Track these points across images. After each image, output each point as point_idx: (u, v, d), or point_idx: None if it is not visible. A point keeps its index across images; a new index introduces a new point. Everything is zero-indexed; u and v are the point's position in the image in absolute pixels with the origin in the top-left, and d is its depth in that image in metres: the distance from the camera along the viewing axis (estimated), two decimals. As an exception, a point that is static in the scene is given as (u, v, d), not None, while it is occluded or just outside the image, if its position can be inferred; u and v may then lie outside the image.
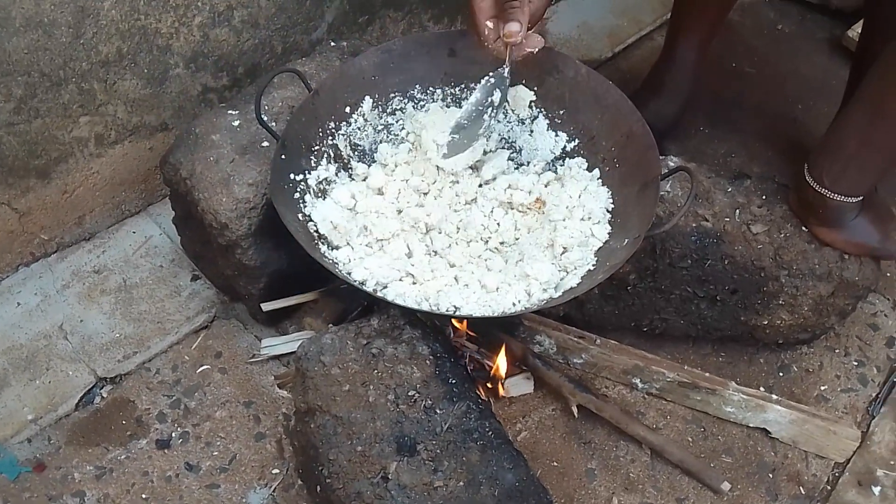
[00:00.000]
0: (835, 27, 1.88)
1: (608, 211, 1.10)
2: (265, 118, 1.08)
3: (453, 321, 1.18)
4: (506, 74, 1.07)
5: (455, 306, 1.02)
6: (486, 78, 1.09)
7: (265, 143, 1.18)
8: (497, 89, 1.08)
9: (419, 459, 0.94)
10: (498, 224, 1.12)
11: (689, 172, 1.02)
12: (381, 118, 1.19)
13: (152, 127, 1.36)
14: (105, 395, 1.23)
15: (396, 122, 1.20)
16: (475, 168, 1.16)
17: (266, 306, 1.23)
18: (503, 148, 1.20)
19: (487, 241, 1.11)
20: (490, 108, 1.09)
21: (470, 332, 1.21)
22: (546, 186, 1.14)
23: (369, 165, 1.16)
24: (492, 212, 1.13)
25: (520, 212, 1.13)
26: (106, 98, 1.26)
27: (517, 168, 1.19)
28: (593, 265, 1.05)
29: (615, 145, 1.12)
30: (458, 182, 1.15)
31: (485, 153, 1.17)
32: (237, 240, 1.14)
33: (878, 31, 1.29)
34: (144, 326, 1.30)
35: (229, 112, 1.22)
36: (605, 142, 1.14)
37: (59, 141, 1.26)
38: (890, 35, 1.17)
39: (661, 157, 1.09)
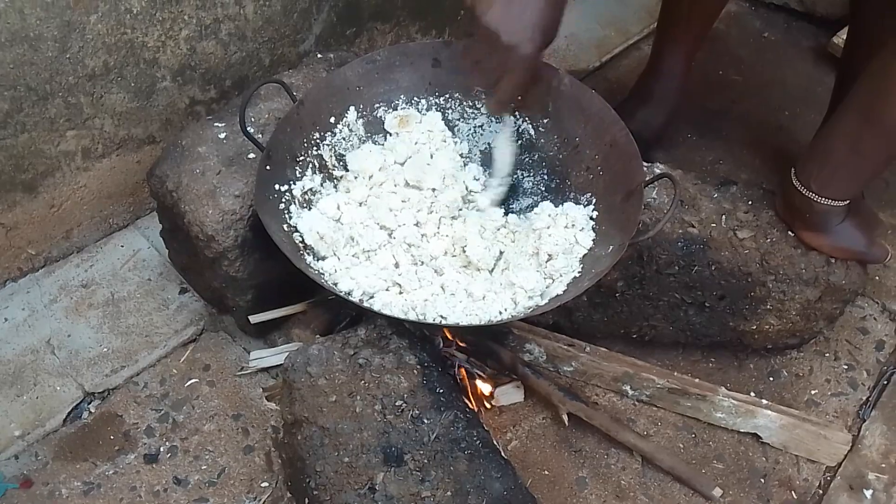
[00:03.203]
0: (820, 35, 1.89)
1: (592, 218, 1.11)
2: (251, 130, 1.08)
3: (443, 330, 1.18)
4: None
5: (442, 315, 1.02)
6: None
7: (251, 155, 1.18)
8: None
9: (406, 470, 0.93)
10: (482, 237, 1.12)
11: (672, 179, 1.02)
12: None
13: (140, 140, 1.36)
14: (93, 410, 1.22)
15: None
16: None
17: (254, 318, 1.23)
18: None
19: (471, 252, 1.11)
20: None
21: (459, 342, 1.21)
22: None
23: (355, 177, 1.17)
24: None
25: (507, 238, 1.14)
26: (93, 112, 1.26)
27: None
28: (579, 272, 1.05)
29: (599, 153, 1.12)
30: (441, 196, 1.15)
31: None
32: (224, 252, 1.14)
33: (863, 38, 1.30)
34: (132, 340, 1.29)
35: (216, 124, 1.22)
36: (589, 150, 1.14)
37: (46, 155, 1.26)
38: (875, 42, 1.18)
39: (646, 165, 1.09)
